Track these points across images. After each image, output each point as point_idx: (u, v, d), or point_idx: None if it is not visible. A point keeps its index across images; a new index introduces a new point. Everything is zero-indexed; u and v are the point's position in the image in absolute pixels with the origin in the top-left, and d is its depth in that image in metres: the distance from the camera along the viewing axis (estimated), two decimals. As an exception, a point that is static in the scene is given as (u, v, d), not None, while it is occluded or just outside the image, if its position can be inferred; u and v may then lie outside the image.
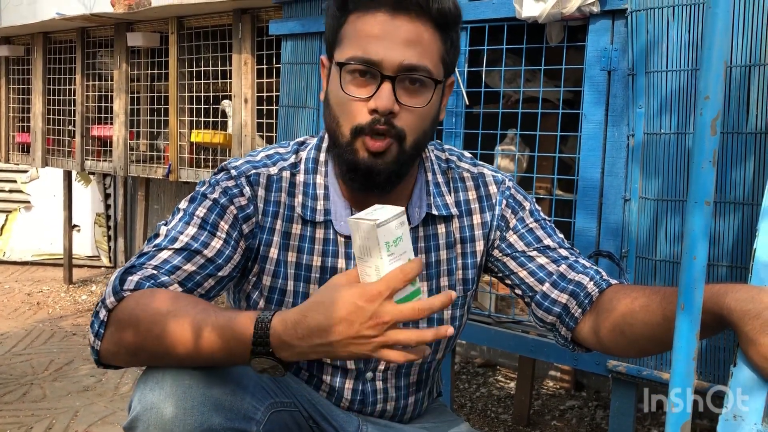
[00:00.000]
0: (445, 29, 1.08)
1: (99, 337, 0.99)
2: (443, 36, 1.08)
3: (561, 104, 2.01)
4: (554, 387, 3.02)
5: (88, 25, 3.87)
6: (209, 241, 1.08)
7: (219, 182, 1.14)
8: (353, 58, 1.04)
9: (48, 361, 3.19)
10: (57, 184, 4.96)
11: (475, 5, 2.08)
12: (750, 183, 1.58)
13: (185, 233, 1.07)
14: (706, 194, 0.82)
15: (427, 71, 1.05)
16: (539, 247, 1.20)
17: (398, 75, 1.03)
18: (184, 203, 1.13)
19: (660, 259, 1.73)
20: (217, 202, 1.11)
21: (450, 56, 1.11)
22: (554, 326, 1.19)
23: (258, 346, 0.89)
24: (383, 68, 1.03)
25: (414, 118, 1.06)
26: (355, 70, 1.05)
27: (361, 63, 1.04)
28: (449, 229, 1.21)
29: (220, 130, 3.35)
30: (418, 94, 1.06)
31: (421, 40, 1.04)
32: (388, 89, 1.03)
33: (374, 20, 1.04)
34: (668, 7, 1.68)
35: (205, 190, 1.13)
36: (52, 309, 4.14)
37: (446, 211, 1.20)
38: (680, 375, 0.82)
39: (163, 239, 1.07)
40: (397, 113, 1.04)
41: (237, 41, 3.11)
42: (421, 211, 1.18)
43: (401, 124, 1.05)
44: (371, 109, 1.04)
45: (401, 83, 1.04)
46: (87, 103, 4.06)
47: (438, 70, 1.08)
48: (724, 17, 0.81)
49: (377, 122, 1.04)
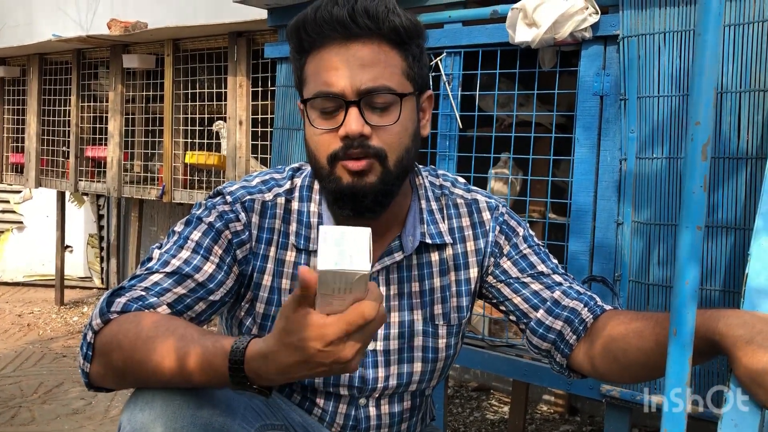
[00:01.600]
0: (403, 45, 1.08)
1: (87, 359, 0.99)
2: (402, 52, 1.08)
3: (554, 128, 2.03)
4: (548, 411, 3.00)
5: (84, 47, 3.89)
6: (202, 265, 1.07)
7: (215, 206, 1.13)
8: (316, 93, 1.06)
9: (37, 384, 3.16)
10: (50, 204, 4.95)
11: (469, 30, 2.10)
12: (741, 207, 1.58)
13: (178, 257, 1.07)
14: (698, 219, 0.83)
15: (388, 89, 1.05)
16: (533, 274, 1.20)
17: (361, 98, 1.04)
18: (180, 226, 1.13)
19: (653, 283, 1.73)
20: (213, 227, 1.11)
21: (415, 70, 1.10)
22: (549, 353, 1.19)
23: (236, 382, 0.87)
24: (346, 96, 1.04)
25: (389, 136, 1.06)
26: (320, 106, 1.06)
27: (324, 96, 1.05)
28: (443, 257, 1.21)
29: (215, 151, 3.35)
30: (386, 113, 1.06)
31: (377, 61, 1.05)
32: (355, 113, 1.04)
33: (329, 53, 1.06)
34: (659, 34, 1.69)
35: (201, 214, 1.13)
36: (43, 330, 4.10)
37: (440, 239, 1.19)
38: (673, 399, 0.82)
39: (155, 262, 1.07)
40: (369, 135, 1.04)
41: (232, 64, 3.13)
42: (414, 240, 1.17)
43: (378, 144, 1.05)
44: (342, 137, 1.04)
45: (367, 106, 1.05)
46: (81, 124, 4.07)
47: (402, 85, 1.08)
48: (713, 44, 0.82)
49: (350, 147, 1.04)
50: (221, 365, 0.87)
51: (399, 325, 1.19)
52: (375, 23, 1.04)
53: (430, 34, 2.14)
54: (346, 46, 1.05)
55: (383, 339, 1.18)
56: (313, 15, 1.05)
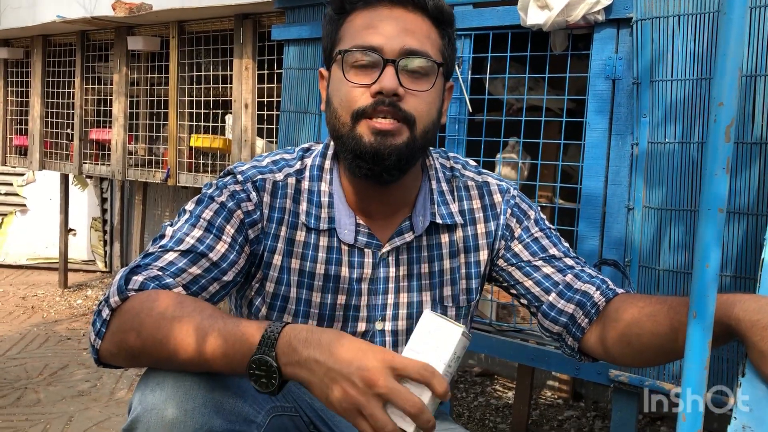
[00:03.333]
0: (442, 25, 1.09)
1: (100, 336, 0.98)
2: (440, 31, 1.09)
3: (565, 113, 2.01)
4: (552, 397, 3.00)
5: (88, 29, 3.86)
6: (214, 244, 1.07)
7: (227, 185, 1.12)
8: (355, 45, 1.05)
9: (42, 366, 3.16)
10: (54, 187, 4.94)
11: (480, 12, 2.08)
12: (755, 193, 1.57)
13: (191, 235, 1.06)
14: (719, 202, 0.82)
15: (428, 56, 1.05)
16: (545, 257, 1.19)
17: (400, 58, 1.03)
18: (191, 205, 1.12)
19: (663, 269, 1.72)
20: (225, 206, 1.10)
21: (448, 53, 1.11)
22: (561, 336, 1.18)
23: (263, 345, 0.86)
24: (385, 53, 1.03)
25: (421, 102, 1.05)
26: (356, 59, 1.05)
27: (362, 49, 1.04)
28: (453, 239, 1.20)
29: (220, 135, 3.34)
30: (422, 80, 1.05)
31: (420, 29, 1.06)
32: (391, 72, 1.03)
33: (373, 13, 1.06)
34: (674, 17, 1.68)
35: (212, 193, 1.12)
36: (47, 313, 4.11)
37: (450, 219, 1.18)
38: (692, 384, 0.82)
39: (168, 240, 1.06)
40: (402, 96, 1.03)
41: (238, 46, 3.11)
42: (425, 220, 1.17)
43: (408, 108, 1.04)
44: (375, 92, 1.03)
45: (404, 70, 1.04)
46: (86, 107, 4.05)
47: (438, 59, 1.08)
48: (739, 23, 0.80)
49: (381, 103, 1.03)
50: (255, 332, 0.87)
51: (408, 306, 1.18)
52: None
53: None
54: (390, 9, 1.06)
55: (392, 319, 1.17)
56: None
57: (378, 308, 1.17)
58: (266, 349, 0.86)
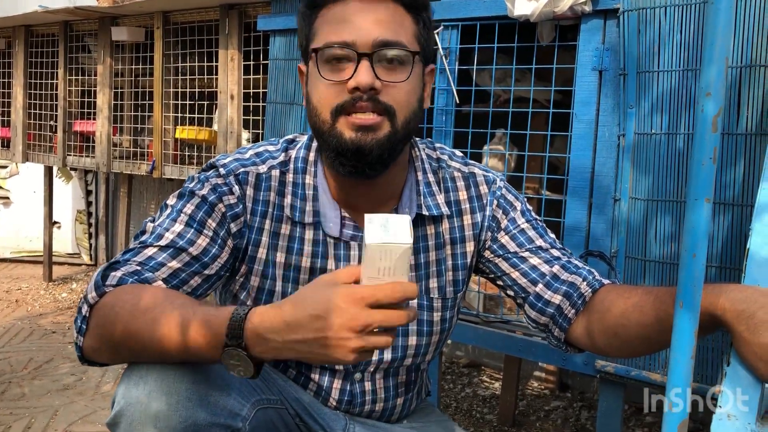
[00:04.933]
0: (416, 10, 1.08)
1: (81, 333, 0.97)
2: (415, 17, 1.08)
3: (552, 104, 2.01)
4: (539, 387, 3.02)
5: (71, 19, 3.82)
6: (195, 239, 1.06)
7: (208, 179, 1.11)
8: (327, 43, 1.04)
9: (27, 359, 3.14)
10: (37, 179, 4.89)
11: (467, 3, 2.07)
12: (740, 184, 1.58)
13: (171, 230, 1.05)
14: (707, 191, 0.82)
15: (402, 45, 1.04)
16: (531, 248, 1.19)
17: (374, 51, 1.03)
18: (172, 199, 1.11)
19: (650, 260, 1.73)
20: (206, 200, 1.09)
21: (424, 38, 1.10)
22: (547, 327, 1.18)
23: (232, 338, 0.85)
24: (358, 47, 1.02)
25: (399, 93, 1.05)
26: (330, 55, 1.04)
27: (336, 45, 1.03)
28: (439, 230, 1.20)
29: (206, 126, 3.31)
30: (398, 70, 1.05)
31: (392, 19, 1.05)
32: (367, 66, 1.02)
33: (345, 8, 1.05)
34: (660, 8, 1.68)
35: (194, 187, 1.11)
36: (31, 307, 4.07)
37: (437, 211, 1.18)
38: (679, 374, 0.82)
39: (149, 236, 1.06)
40: (379, 89, 1.03)
41: (224, 37, 3.08)
42: (411, 212, 1.16)
43: (387, 100, 1.04)
44: (351, 88, 1.02)
45: (379, 62, 1.03)
46: (69, 98, 4.00)
47: (414, 46, 1.07)
48: (727, 13, 0.80)
49: (359, 99, 1.02)
50: (221, 323, 0.86)
51: None
52: None
53: (426, 7, 2.13)
54: (361, 1, 1.04)
55: None
56: None
57: None
58: (235, 342, 0.85)
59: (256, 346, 0.85)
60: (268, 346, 0.85)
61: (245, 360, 0.86)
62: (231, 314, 0.86)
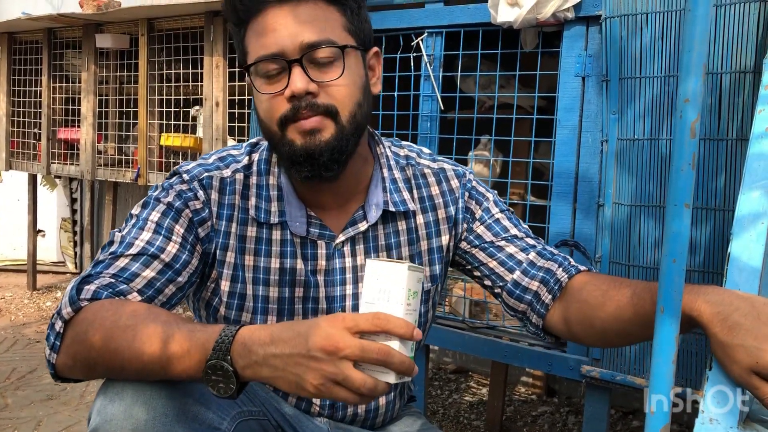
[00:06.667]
0: (339, 1, 1.07)
1: (55, 350, 0.96)
2: (339, 8, 1.08)
3: (536, 110, 2.02)
4: (526, 393, 3.02)
5: (55, 26, 3.79)
6: (165, 245, 1.05)
7: (172, 186, 1.11)
8: (258, 57, 1.05)
9: (10, 370, 3.10)
10: (21, 187, 4.85)
11: (450, 10, 2.08)
12: (722, 189, 1.59)
13: (140, 238, 1.05)
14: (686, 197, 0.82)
15: (330, 41, 1.04)
16: (507, 237, 1.21)
17: (303, 55, 1.03)
18: (137, 209, 1.11)
19: (634, 264, 1.74)
20: (172, 206, 1.09)
21: (356, 24, 1.09)
22: (525, 314, 1.19)
23: (217, 351, 0.85)
24: (286, 55, 1.03)
25: (337, 90, 1.05)
26: (264, 69, 1.05)
27: (265, 59, 1.04)
28: (411, 226, 1.21)
29: (191, 133, 3.30)
30: (330, 68, 1.05)
31: (315, 17, 1.04)
32: (299, 71, 1.02)
33: (265, 18, 1.05)
34: (642, 14, 1.69)
35: (159, 195, 1.11)
36: (15, 316, 4.03)
37: (404, 207, 1.19)
38: (660, 378, 0.82)
39: (118, 246, 1.05)
40: (316, 92, 1.03)
41: (209, 44, 3.08)
42: (378, 209, 1.17)
43: (327, 101, 1.04)
44: (288, 97, 1.03)
45: (310, 64, 1.03)
46: (53, 105, 3.98)
47: (344, 39, 1.07)
48: (703, 21, 0.81)
49: (299, 107, 1.03)
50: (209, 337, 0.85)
51: None
52: None
53: (411, 14, 2.15)
54: (280, 7, 1.04)
55: (352, 310, 1.17)
56: None
57: (337, 299, 1.16)
58: (221, 354, 0.85)
59: (240, 359, 0.85)
60: (250, 359, 0.85)
61: (227, 374, 0.85)
62: (221, 330, 0.87)
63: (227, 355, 0.85)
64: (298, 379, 0.83)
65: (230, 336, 0.85)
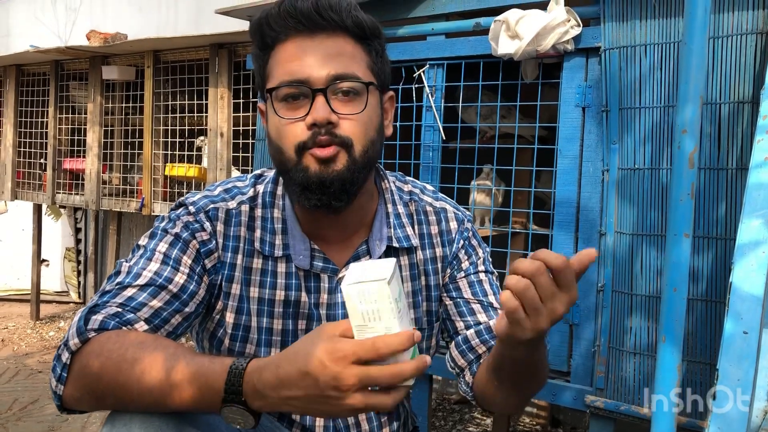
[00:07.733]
0: (367, 41, 1.09)
1: (62, 381, 0.95)
2: (365, 47, 1.09)
3: (536, 140, 2.04)
4: (530, 423, 2.99)
5: (62, 58, 3.85)
6: (173, 276, 1.05)
7: (179, 217, 1.12)
8: (282, 82, 1.05)
9: (12, 400, 3.09)
10: (26, 217, 4.87)
11: (452, 42, 2.11)
12: (723, 218, 1.60)
13: (148, 269, 1.05)
14: (685, 226, 0.83)
15: (355, 76, 1.05)
16: (483, 301, 1.22)
17: (328, 86, 1.04)
18: (144, 239, 1.11)
19: (636, 293, 1.74)
20: (179, 237, 1.09)
21: (378, 66, 1.11)
22: (462, 371, 1.21)
23: (230, 394, 0.85)
24: (312, 83, 1.04)
25: (356, 125, 1.06)
26: (286, 94, 1.05)
27: (290, 84, 1.04)
28: (413, 261, 1.21)
29: (195, 163, 3.32)
30: (353, 102, 1.06)
31: (343, 51, 1.06)
32: (322, 101, 1.03)
33: (294, 45, 1.06)
34: (641, 46, 1.71)
35: (166, 225, 1.11)
36: (18, 346, 4.02)
37: (407, 243, 1.19)
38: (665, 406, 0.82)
39: (125, 276, 1.05)
40: (336, 123, 1.04)
41: (213, 75, 3.12)
42: (381, 244, 1.17)
43: (344, 133, 1.05)
44: (309, 125, 1.04)
45: (334, 95, 1.05)
46: (59, 136, 4.02)
47: (368, 76, 1.08)
48: (700, 53, 0.82)
49: (318, 134, 1.03)
50: (218, 378, 0.86)
51: None
52: (339, 16, 1.05)
53: (413, 47, 2.17)
54: (311, 38, 1.05)
55: None
56: (277, 9, 1.06)
57: None
58: (234, 397, 0.85)
59: (255, 401, 0.85)
60: (267, 402, 0.85)
61: (245, 414, 0.86)
62: (228, 368, 0.86)
63: (240, 397, 0.85)
64: (329, 412, 0.84)
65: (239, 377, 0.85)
